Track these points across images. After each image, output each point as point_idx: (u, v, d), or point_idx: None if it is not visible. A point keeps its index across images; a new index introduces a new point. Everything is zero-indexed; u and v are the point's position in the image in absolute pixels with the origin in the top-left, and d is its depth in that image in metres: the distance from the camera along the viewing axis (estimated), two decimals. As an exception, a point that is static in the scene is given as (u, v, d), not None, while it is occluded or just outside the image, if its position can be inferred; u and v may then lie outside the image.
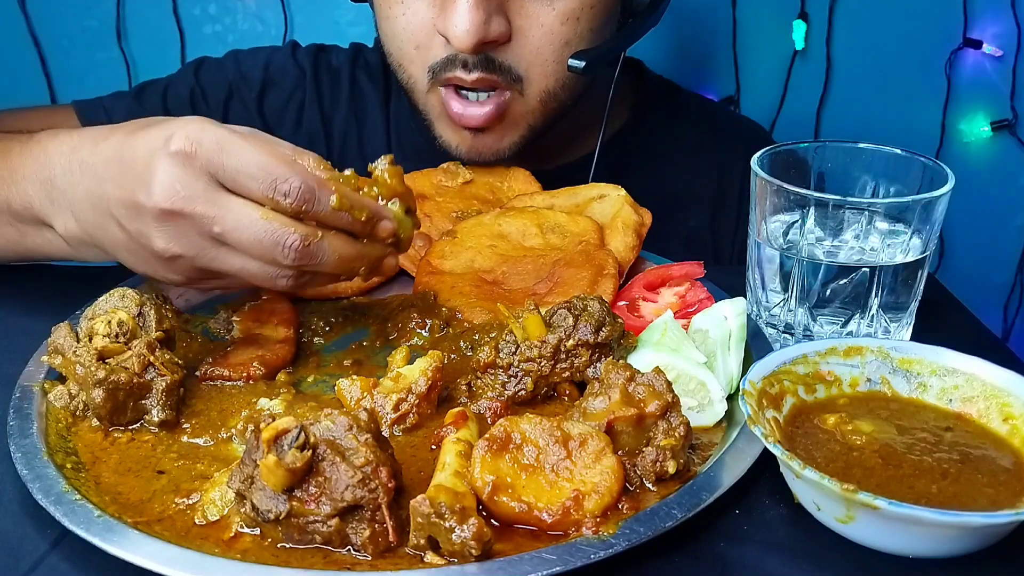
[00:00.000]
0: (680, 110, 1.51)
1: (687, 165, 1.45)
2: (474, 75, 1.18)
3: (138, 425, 0.86)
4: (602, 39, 1.24)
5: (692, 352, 0.90)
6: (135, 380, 0.85)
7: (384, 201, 0.94)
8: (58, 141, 0.97)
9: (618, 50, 1.29)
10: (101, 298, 0.92)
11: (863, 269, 0.95)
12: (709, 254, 1.42)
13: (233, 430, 0.85)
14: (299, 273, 0.90)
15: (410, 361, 0.90)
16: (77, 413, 0.86)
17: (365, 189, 0.93)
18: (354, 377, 0.87)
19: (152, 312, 0.91)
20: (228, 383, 0.93)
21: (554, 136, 1.35)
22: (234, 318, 1.04)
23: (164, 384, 0.86)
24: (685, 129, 1.48)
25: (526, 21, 1.18)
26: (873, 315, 0.96)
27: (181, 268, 0.91)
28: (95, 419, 0.85)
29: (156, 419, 0.85)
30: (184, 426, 0.87)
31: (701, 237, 1.43)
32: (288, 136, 1.44)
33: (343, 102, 1.46)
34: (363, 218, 0.90)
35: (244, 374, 0.93)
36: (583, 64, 1.19)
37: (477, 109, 1.21)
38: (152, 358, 0.86)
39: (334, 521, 0.69)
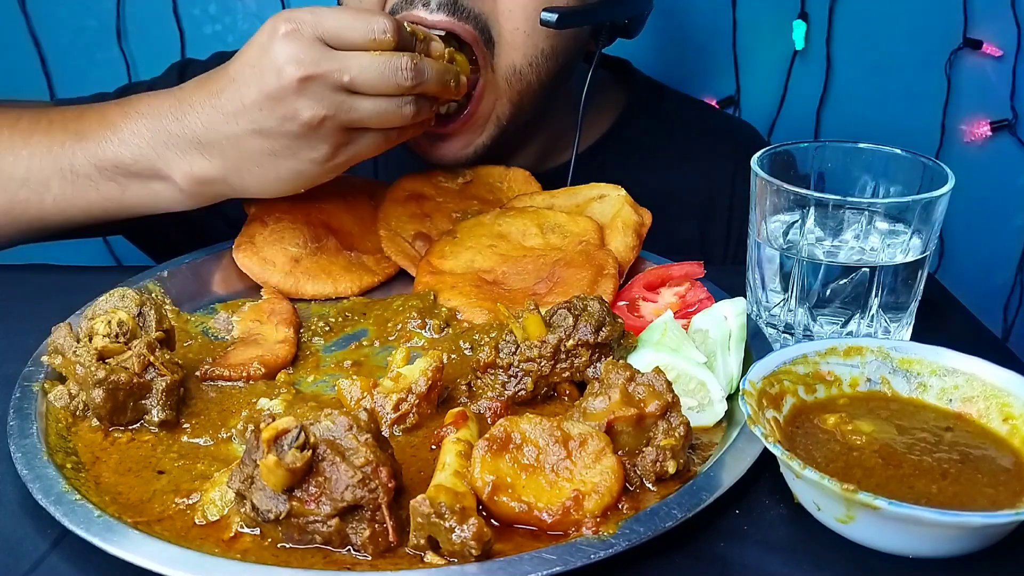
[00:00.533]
0: (669, 112, 1.48)
1: (675, 169, 1.42)
2: (436, 16, 1.14)
3: (138, 425, 0.86)
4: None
5: (692, 352, 0.90)
6: (135, 380, 0.85)
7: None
8: (157, 96, 1.09)
9: (596, 19, 1.26)
10: (101, 298, 0.92)
11: (863, 269, 0.95)
12: (698, 258, 1.40)
13: (233, 430, 0.85)
14: (416, 98, 1.04)
15: (410, 361, 0.90)
16: (77, 413, 0.86)
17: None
18: (354, 377, 0.87)
19: (152, 312, 0.91)
20: (228, 383, 0.93)
21: (534, 140, 1.34)
22: (234, 318, 1.04)
23: (164, 384, 0.86)
24: (674, 132, 1.46)
25: None
26: (873, 315, 0.96)
27: (327, 134, 1.02)
28: (95, 419, 0.85)
29: (156, 419, 0.85)
30: (184, 426, 0.87)
31: (690, 241, 1.41)
32: None
33: None
34: (422, 36, 1.06)
35: (244, 374, 0.93)
36: (556, 17, 1.15)
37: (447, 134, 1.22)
38: (152, 358, 0.86)
39: (334, 521, 0.69)
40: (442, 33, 1.13)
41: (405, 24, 1.03)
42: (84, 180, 1.10)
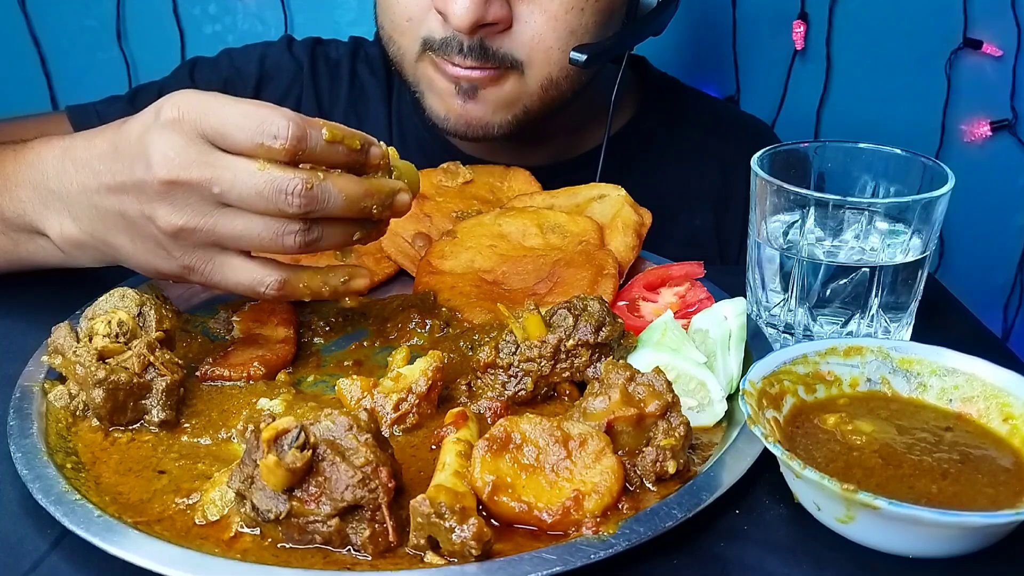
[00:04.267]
0: (684, 108, 1.51)
1: (691, 163, 1.45)
2: (468, 61, 1.17)
3: (138, 425, 0.86)
4: (606, 34, 1.23)
5: (692, 352, 0.90)
6: (135, 380, 0.85)
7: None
8: (51, 145, 0.96)
9: (622, 48, 1.29)
10: (101, 298, 0.92)
11: (863, 269, 0.95)
12: (713, 252, 1.42)
13: (233, 430, 0.85)
14: (308, 225, 0.86)
15: (410, 361, 0.90)
16: (77, 413, 0.86)
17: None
18: (354, 377, 0.87)
19: (152, 312, 0.90)
20: (228, 383, 0.93)
21: (556, 131, 1.35)
22: (234, 318, 1.04)
23: (164, 384, 0.86)
24: (690, 127, 1.48)
25: (528, 7, 1.17)
26: (873, 315, 0.96)
27: (187, 246, 0.87)
28: (95, 419, 0.85)
29: (156, 419, 0.85)
30: (184, 426, 0.87)
31: (705, 235, 1.43)
32: None
33: (342, 96, 1.46)
34: (358, 146, 0.87)
35: (244, 374, 0.93)
36: (584, 58, 1.17)
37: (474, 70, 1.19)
38: (152, 358, 0.86)
39: (334, 521, 0.69)
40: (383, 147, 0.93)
41: (329, 130, 0.85)
42: None
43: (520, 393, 0.89)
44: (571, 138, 1.41)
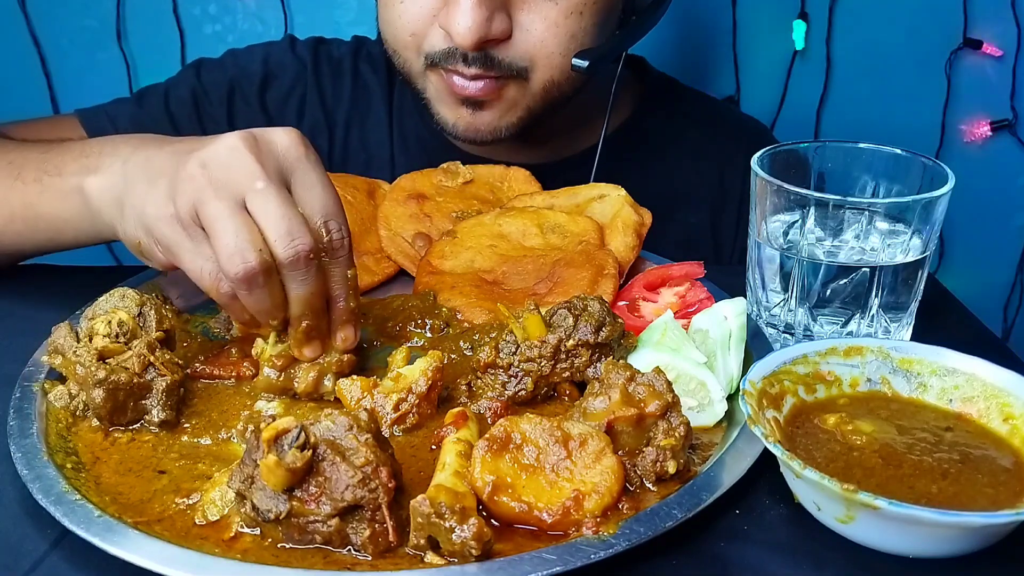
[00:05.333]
0: (683, 107, 1.51)
1: (689, 162, 1.45)
2: (472, 70, 1.19)
3: (138, 425, 0.86)
4: (605, 35, 1.24)
5: (692, 352, 0.90)
6: (135, 380, 0.85)
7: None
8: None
9: (621, 49, 1.30)
10: (101, 298, 0.92)
11: (863, 269, 0.95)
12: (709, 252, 1.42)
13: (233, 430, 0.85)
14: (232, 293, 0.86)
15: (410, 361, 0.90)
16: (77, 413, 0.86)
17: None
18: (354, 377, 0.87)
19: (152, 312, 0.91)
20: (227, 382, 0.93)
21: (555, 129, 1.36)
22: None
23: (164, 384, 0.86)
24: (687, 126, 1.48)
25: (528, 16, 1.18)
26: (873, 315, 0.96)
27: (189, 206, 0.85)
28: (95, 419, 0.85)
29: (156, 419, 0.85)
30: (185, 426, 0.87)
31: (702, 235, 1.43)
32: None
33: (345, 94, 1.46)
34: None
35: (234, 373, 0.93)
36: (587, 64, 1.19)
37: (478, 82, 1.21)
38: (152, 358, 0.86)
39: (334, 521, 0.69)
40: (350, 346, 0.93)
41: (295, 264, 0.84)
42: (19, 183, 1.07)
43: (520, 393, 0.89)
44: (570, 136, 1.41)
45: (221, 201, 0.84)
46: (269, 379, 0.89)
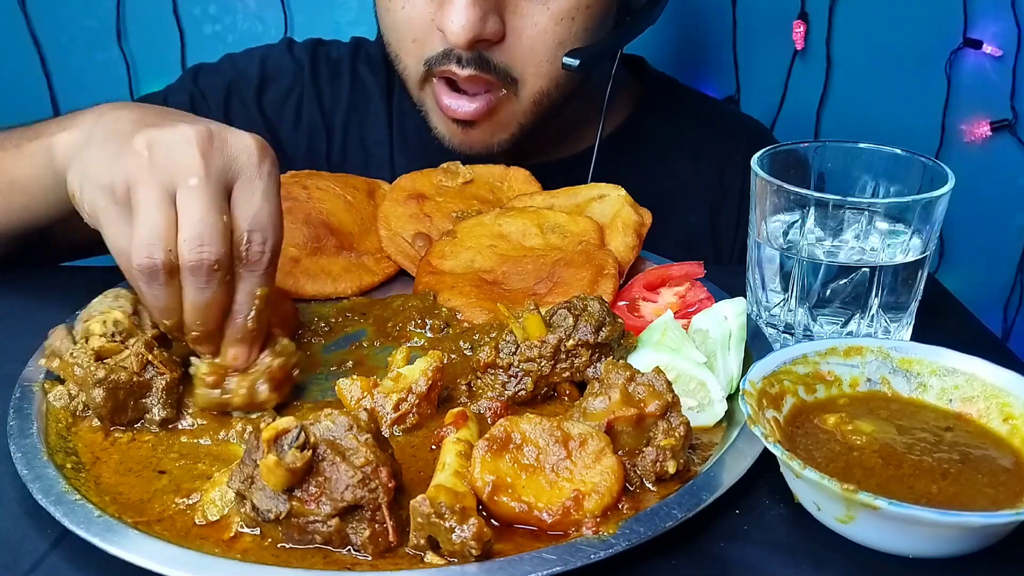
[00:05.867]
0: (682, 107, 1.51)
1: (688, 163, 1.46)
2: (467, 71, 1.20)
3: (139, 425, 0.86)
4: (597, 38, 1.25)
5: (692, 352, 0.90)
6: (135, 379, 0.85)
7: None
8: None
9: (613, 49, 1.30)
10: (95, 300, 0.92)
11: (863, 269, 0.95)
12: (709, 252, 1.42)
13: (233, 430, 0.85)
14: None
15: (410, 361, 0.90)
16: (77, 413, 0.86)
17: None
18: (354, 377, 0.87)
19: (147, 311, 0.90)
20: None
21: (554, 129, 1.36)
22: None
23: (164, 382, 0.86)
24: (686, 126, 1.48)
25: (520, 21, 1.19)
26: (873, 315, 0.96)
27: (141, 170, 0.83)
28: (96, 419, 0.85)
29: (157, 417, 0.85)
30: (185, 427, 0.86)
31: (701, 235, 1.44)
32: (288, 131, 1.45)
33: (344, 95, 1.47)
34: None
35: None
36: (577, 63, 1.20)
37: (467, 104, 1.23)
38: (150, 356, 0.86)
39: (334, 521, 0.69)
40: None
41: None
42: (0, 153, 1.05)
43: (520, 393, 0.89)
44: (569, 136, 1.41)
45: (152, 188, 0.81)
46: (207, 396, 0.87)
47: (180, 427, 0.86)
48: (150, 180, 0.82)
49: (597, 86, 1.34)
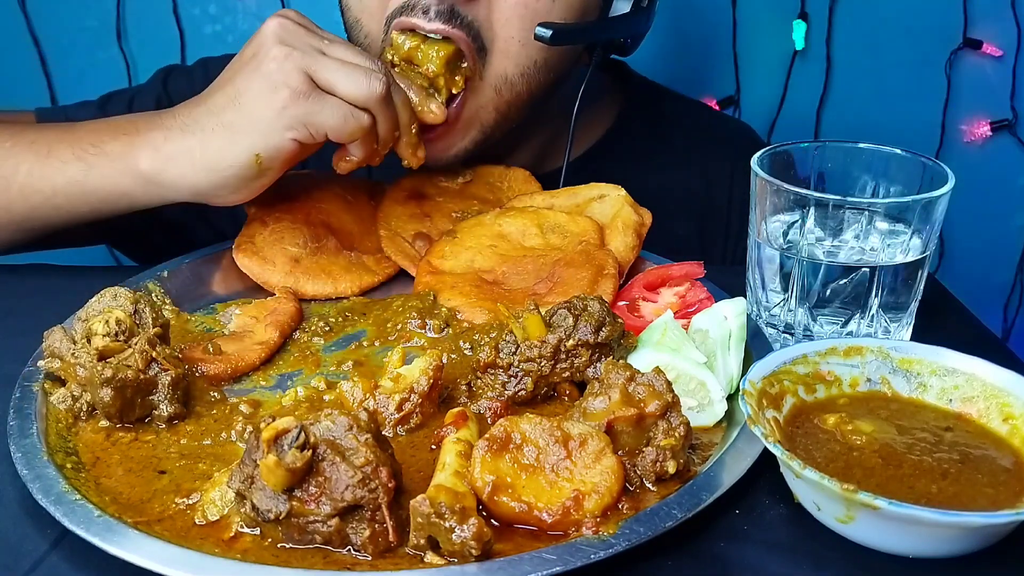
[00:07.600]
0: (666, 114, 1.48)
1: (673, 170, 1.42)
2: (434, 24, 1.13)
3: (145, 422, 0.86)
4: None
5: (692, 352, 0.90)
6: (140, 376, 0.85)
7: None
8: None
9: (591, 37, 1.25)
10: (92, 299, 0.91)
11: (863, 269, 0.95)
12: (696, 258, 1.40)
13: (233, 430, 0.85)
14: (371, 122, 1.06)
15: (407, 361, 0.89)
16: (81, 415, 0.86)
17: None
18: (355, 379, 0.87)
19: (147, 309, 0.90)
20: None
21: (535, 142, 1.34)
22: (236, 311, 1.04)
23: (169, 379, 0.86)
24: (671, 134, 1.45)
25: None
26: (873, 315, 0.96)
27: (290, 72, 1.02)
28: (104, 419, 0.85)
29: (165, 413, 0.85)
30: (183, 426, 0.87)
31: (688, 242, 1.40)
32: None
33: None
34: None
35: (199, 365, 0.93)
36: (550, 33, 1.14)
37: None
38: (155, 353, 0.86)
39: (334, 521, 0.69)
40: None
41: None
42: (55, 161, 1.11)
43: (520, 393, 0.89)
44: (546, 149, 1.37)
45: (322, 56, 1.04)
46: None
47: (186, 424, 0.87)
48: (314, 54, 1.04)
49: (577, 92, 1.27)
